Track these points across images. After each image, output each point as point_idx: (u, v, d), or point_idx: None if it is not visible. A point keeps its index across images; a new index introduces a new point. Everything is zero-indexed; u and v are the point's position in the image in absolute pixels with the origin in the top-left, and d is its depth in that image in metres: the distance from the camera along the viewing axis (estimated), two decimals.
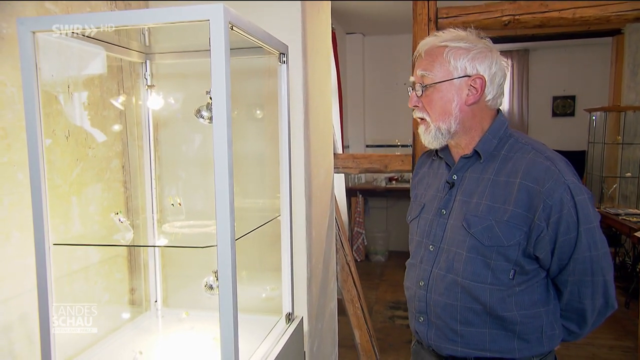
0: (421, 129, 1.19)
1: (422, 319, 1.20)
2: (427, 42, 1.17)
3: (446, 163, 1.24)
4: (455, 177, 1.19)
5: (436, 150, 1.27)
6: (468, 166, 1.18)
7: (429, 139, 1.18)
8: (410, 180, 1.40)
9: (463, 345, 1.13)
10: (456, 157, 1.21)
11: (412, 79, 1.20)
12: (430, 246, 1.19)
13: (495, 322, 1.11)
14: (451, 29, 1.18)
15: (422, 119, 1.18)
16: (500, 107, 1.21)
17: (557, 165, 1.06)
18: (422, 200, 1.28)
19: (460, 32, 1.16)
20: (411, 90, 1.19)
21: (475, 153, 1.16)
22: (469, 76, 1.12)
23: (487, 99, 1.14)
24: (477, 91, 1.12)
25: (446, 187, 1.20)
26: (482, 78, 1.12)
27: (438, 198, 1.22)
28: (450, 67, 1.12)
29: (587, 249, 1.06)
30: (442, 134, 1.15)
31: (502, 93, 1.18)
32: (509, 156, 1.13)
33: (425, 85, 1.14)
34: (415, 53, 1.21)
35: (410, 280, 1.25)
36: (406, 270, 1.29)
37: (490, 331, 1.11)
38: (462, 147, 1.19)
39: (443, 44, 1.13)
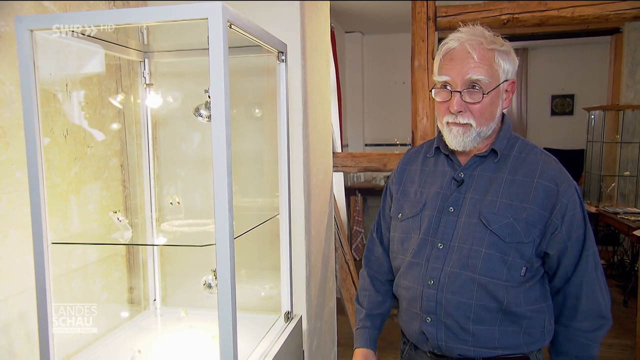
0: (456, 131, 1.12)
1: (429, 319, 1.15)
2: (473, 43, 1.08)
3: (451, 160, 1.21)
4: (462, 174, 1.17)
5: (437, 147, 1.24)
6: (478, 165, 1.17)
7: (466, 141, 1.12)
8: (390, 176, 1.35)
9: (474, 344, 1.13)
10: (461, 155, 1.19)
11: (445, 78, 1.10)
12: (439, 244, 1.15)
13: (506, 318, 1.12)
14: (476, 26, 1.11)
15: (465, 124, 1.11)
16: None
17: (562, 167, 1.13)
18: (421, 198, 1.23)
19: (487, 32, 1.11)
20: (451, 93, 1.10)
21: (492, 152, 1.16)
22: (508, 80, 1.12)
23: None
24: (510, 94, 1.15)
25: (453, 184, 1.18)
26: (515, 81, 1.15)
27: (443, 196, 1.18)
28: (500, 71, 1.09)
29: (591, 245, 1.12)
30: (480, 137, 1.13)
31: None
32: (521, 157, 1.15)
33: (487, 92, 1.08)
34: (448, 49, 1.11)
35: (414, 280, 1.19)
36: (403, 269, 1.24)
37: (499, 328, 1.12)
38: (478, 147, 1.17)
39: (491, 47, 1.08)
